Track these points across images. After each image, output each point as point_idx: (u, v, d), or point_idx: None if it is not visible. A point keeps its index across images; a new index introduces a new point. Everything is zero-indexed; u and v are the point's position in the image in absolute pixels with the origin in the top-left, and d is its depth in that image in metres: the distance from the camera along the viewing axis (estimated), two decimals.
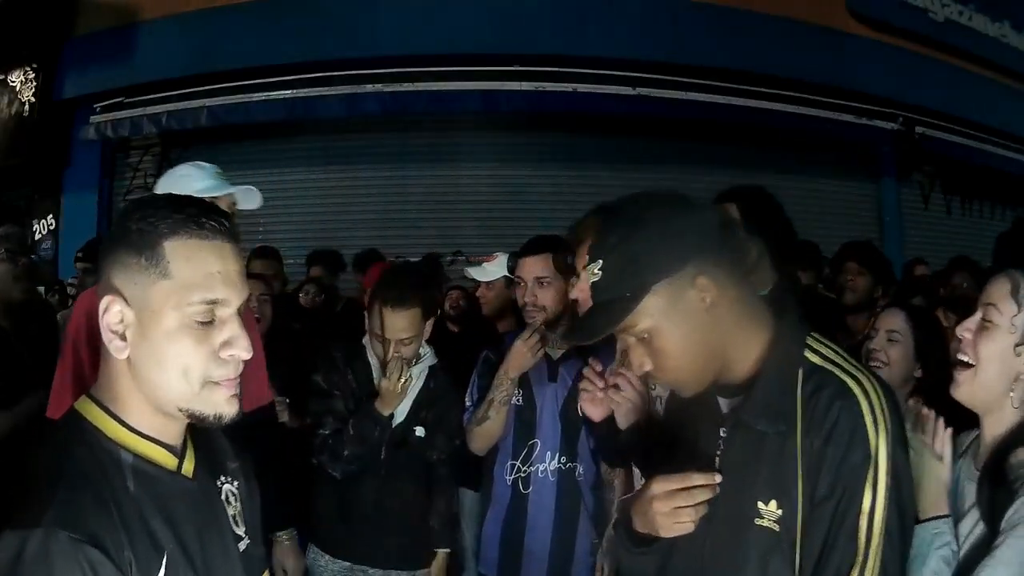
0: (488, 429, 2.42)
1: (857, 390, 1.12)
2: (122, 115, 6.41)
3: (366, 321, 2.50)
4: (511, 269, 2.94)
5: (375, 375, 2.49)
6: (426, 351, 2.57)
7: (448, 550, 2.63)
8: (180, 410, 0.98)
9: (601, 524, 2.34)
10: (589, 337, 1.19)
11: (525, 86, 6.01)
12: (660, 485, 1.18)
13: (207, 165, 2.19)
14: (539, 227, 2.92)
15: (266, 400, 2.36)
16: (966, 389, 1.37)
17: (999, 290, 1.34)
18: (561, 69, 6.08)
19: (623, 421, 1.67)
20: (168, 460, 1.01)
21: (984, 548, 1.26)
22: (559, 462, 2.38)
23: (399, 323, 2.37)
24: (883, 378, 1.23)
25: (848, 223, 6.72)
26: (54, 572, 0.85)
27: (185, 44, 6.31)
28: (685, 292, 1.13)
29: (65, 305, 4.80)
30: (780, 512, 1.12)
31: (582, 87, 6.05)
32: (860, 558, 1.08)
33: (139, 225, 0.96)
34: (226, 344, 0.98)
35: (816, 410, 1.12)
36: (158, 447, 1.00)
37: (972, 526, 1.34)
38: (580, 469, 2.39)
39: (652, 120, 6.32)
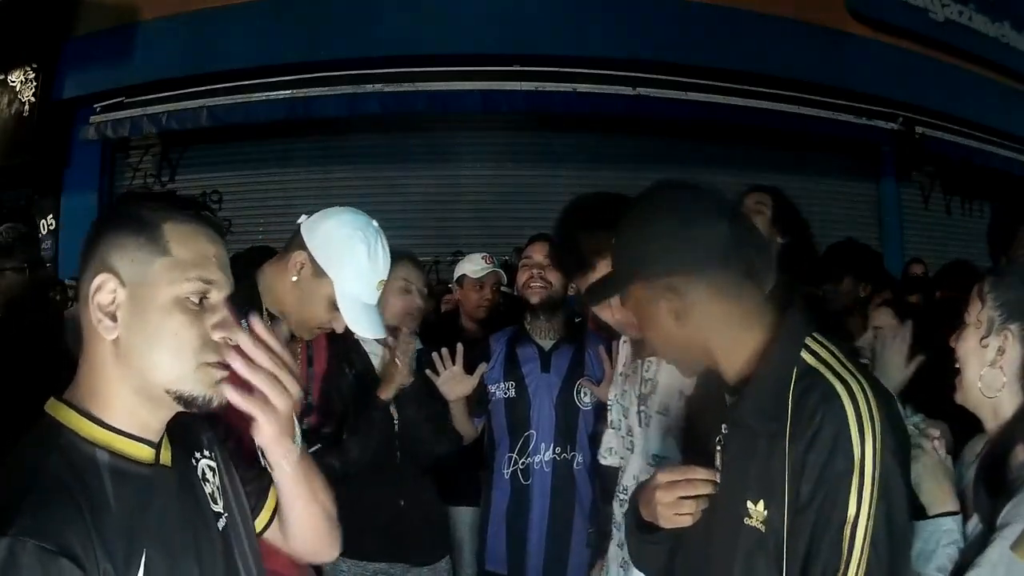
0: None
1: (844, 394, 1.09)
2: (122, 115, 6.41)
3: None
4: (519, 251, 2.99)
5: (375, 364, 2.49)
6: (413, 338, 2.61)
7: None
8: (168, 392, 0.97)
9: (596, 514, 2.38)
10: (593, 298, 1.42)
11: (525, 86, 6.01)
12: (664, 475, 1.22)
13: (381, 262, 1.79)
14: (539, 227, 2.92)
15: None
16: (960, 393, 1.40)
17: (973, 292, 1.40)
18: (561, 69, 6.09)
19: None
20: (146, 454, 1.00)
21: (979, 547, 1.27)
22: (554, 453, 2.42)
23: (413, 272, 2.46)
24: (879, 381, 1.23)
25: (848, 223, 6.72)
26: None
27: (185, 44, 6.32)
28: (656, 299, 1.19)
29: (65, 305, 4.80)
30: (766, 513, 1.12)
31: (582, 87, 6.06)
32: (843, 567, 1.05)
33: (138, 211, 0.99)
34: (219, 326, 0.99)
35: (802, 413, 1.10)
36: (134, 442, 0.99)
37: (975, 525, 1.36)
38: (579, 458, 2.42)
39: (652, 120, 6.32)
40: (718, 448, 1.22)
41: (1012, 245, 2.75)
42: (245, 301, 1.66)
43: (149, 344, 0.97)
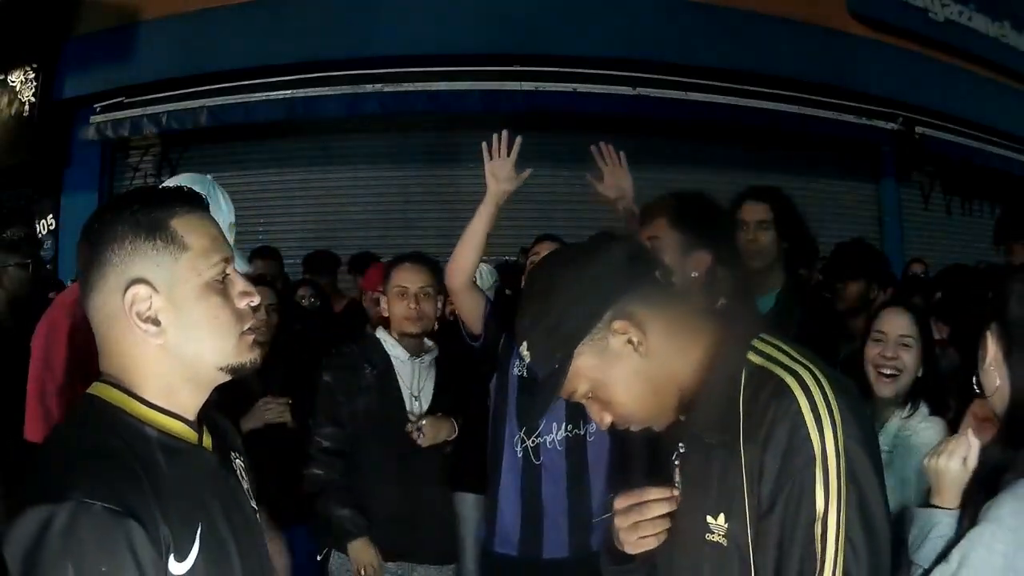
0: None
1: (795, 386, 1.03)
2: (122, 115, 6.41)
3: (381, 307, 2.67)
4: (524, 252, 3.02)
5: (395, 364, 2.61)
6: (429, 344, 2.71)
7: None
8: (220, 369, 1.03)
9: (615, 478, 2.38)
10: (536, 418, 1.20)
11: (525, 86, 6.01)
12: (620, 501, 1.17)
13: (225, 206, 1.95)
14: (539, 227, 2.93)
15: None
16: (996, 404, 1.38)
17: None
18: (561, 69, 6.09)
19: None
20: (190, 435, 1.03)
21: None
22: (566, 431, 2.41)
23: (417, 276, 2.58)
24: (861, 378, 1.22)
25: (848, 223, 6.72)
26: (86, 546, 0.83)
27: (185, 44, 6.31)
28: (608, 342, 1.10)
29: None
30: (726, 525, 1.07)
31: (582, 87, 6.06)
32: (818, 567, 0.99)
33: (137, 216, 1.00)
34: (243, 294, 1.05)
35: (753, 414, 1.05)
36: (179, 422, 1.02)
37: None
38: (590, 429, 2.43)
39: (652, 120, 6.32)
40: (676, 465, 1.18)
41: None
42: None
43: (196, 334, 1.01)
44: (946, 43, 7.29)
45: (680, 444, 1.17)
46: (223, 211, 1.89)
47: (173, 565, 0.91)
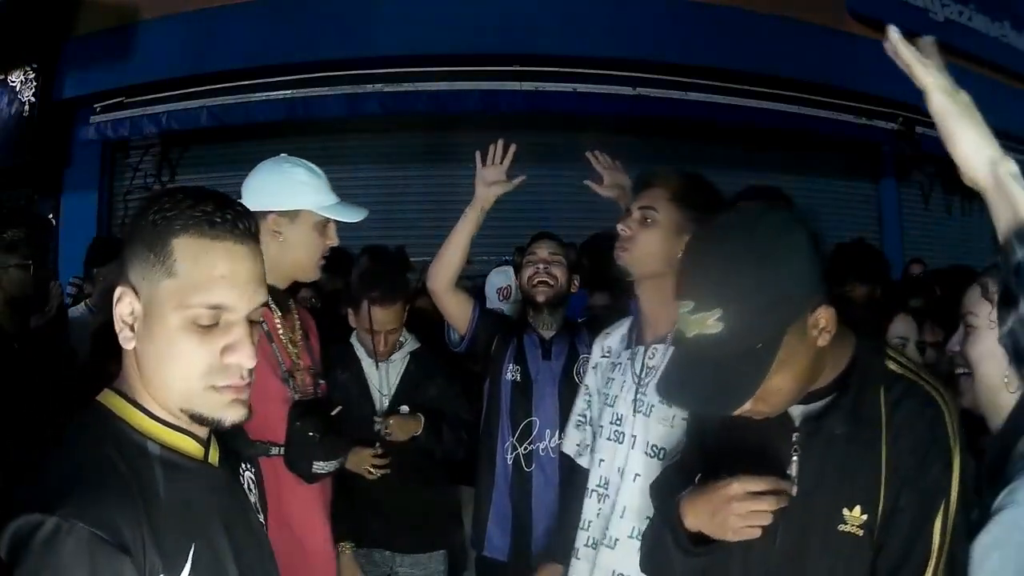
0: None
1: (940, 401, 1.14)
2: (122, 115, 6.40)
3: (350, 317, 2.66)
4: (521, 251, 3.03)
5: (365, 369, 2.64)
6: (407, 337, 2.74)
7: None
8: (181, 410, 0.96)
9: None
10: (728, 409, 1.07)
11: (525, 86, 6.01)
12: (742, 486, 1.15)
13: (319, 171, 1.96)
14: (539, 227, 2.94)
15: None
16: (970, 395, 1.43)
17: (971, 297, 1.42)
18: (561, 69, 6.08)
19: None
20: (196, 450, 1.00)
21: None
22: (560, 438, 2.41)
23: (388, 317, 2.56)
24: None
25: (848, 223, 6.72)
26: (62, 562, 0.82)
27: (185, 44, 6.31)
28: (808, 329, 1.07)
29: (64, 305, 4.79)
30: (864, 518, 1.13)
31: (582, 87, 6.05)
32: (934, 558, 1.09)
33: (154, 218, 0.95)
34: (227, 349, 0.95)
35: (903, 418, 1.13)
36: (186, 437, 0.98)
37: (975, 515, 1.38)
38: None
39: (652, 120, 6.32)
40: (794, 458, 1.18)
41: None
42: None
43: (159, 361, 0.95)
44: (946, 43, 7.24)
45: (795, 435, 1.19)
46: (316, 171, 1.93)
47: None
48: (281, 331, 1.91)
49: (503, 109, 6.08)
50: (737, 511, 1.14)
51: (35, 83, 6.83)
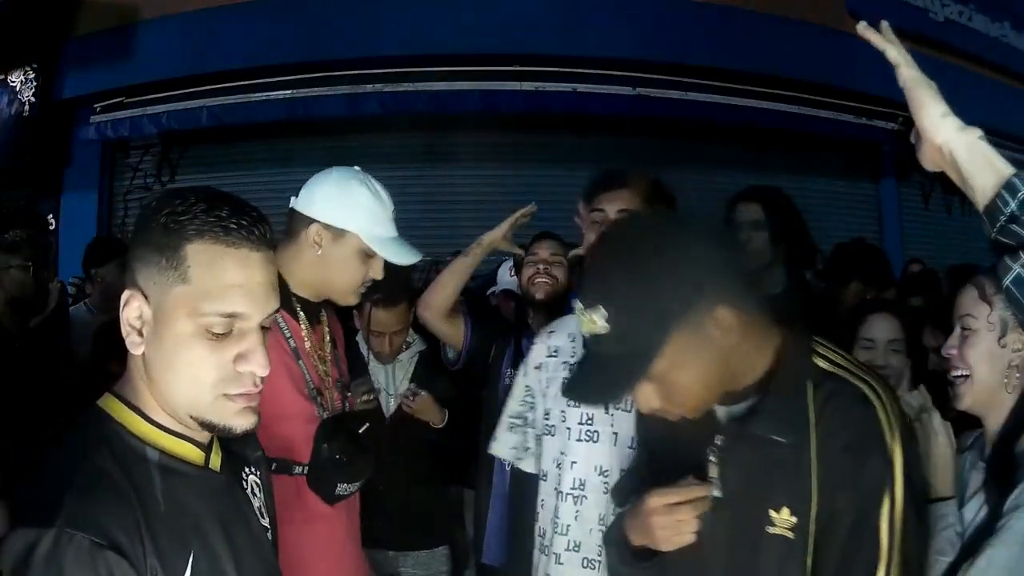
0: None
1: (873, 397, 1.10)
2: (122, 115, 6.40)
3: (355, 318, 2.65)
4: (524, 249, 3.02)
5: (371, 370, 2.63)
6: (414, 338, 2.74)
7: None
8: (191, 416, 0.95)
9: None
10: (603, 401, 1.12)
11: (525, 86, 6.00)
12: (658, 499, 1.15)
13: (386, 200, 1.86)
14: (539, 227, 2.93)
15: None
16: (968, 398, 1.42)
17: (969, 299, 1.42)
18: (561, 69, 6.08)
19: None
20: (195, 456, 0.98)
21: (987, 531, 1.31)
22: None
23: (391, 319, 2.55)
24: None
25: (848, 223, 6.72)
26: (66, 574, 0.81)
27: (185, 44, 6.31)
28: (703, 327, 1.05)
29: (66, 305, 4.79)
30: (794, 520, 1.10)
31: (582, 87, 6.05)
32: (884, 560, 1.06)
33: (166, 221, 0.92)
34: (240, 358, 0.93)
35: (832, 417, 1.10)
36: (185, 442, 0.97)
37: (977, 510, 1.39)
38: None
39: (652, 120, 6.32)
40: (712, 460, 1.16)
41: None
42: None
43: (168, 368, 0.93)
44: (946, 43, 7.28)
45: (718, 438, 1.16)
46: (383, 200, 1.81)
47: None
48: (309, 346, 1.78)
49: (503, 109, 6.08)
50: (660, 524, 1.14)
51: (35, 83, 6.83)
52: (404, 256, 1.79)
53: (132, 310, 0.94)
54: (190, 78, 6.25)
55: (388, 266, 1.83)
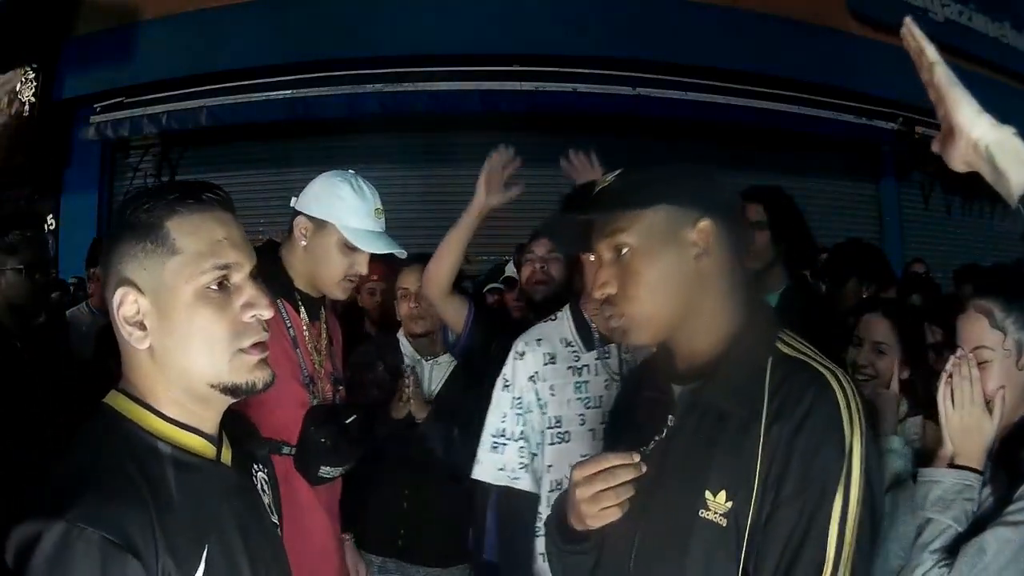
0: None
1: (833, 381, 1.03)
2: (122, 115, 6.41)
3: (397, 311, 2.67)
4: (521, 249, 3.01)
5: (406, 370, 2.58)
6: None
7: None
8: (212, 386, 0.96)
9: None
10: (578, 211, 1.17)
11: (525, 86, 6.01)
12: (579, 471, 1.08)
13: (370, 197, 1.93)
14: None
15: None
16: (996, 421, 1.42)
17: (979, 329, 1.41)
18: (561, 69, 6.08)
19: None
20: (207, 449, 0.99)
21: (992, 517, 1.33)
22: None
23: (419, 277, 2.53)
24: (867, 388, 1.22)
25: (848, 223, 6.72)
26: (72, 568, 0.81)
27: (185, 44, 6.31)
28: (682, 228, 1.10)
29: (65, 305, 4.80)
30: (729, 505, 1.02)
31: (582, 87, 6.05)
32: (830, 564, 0.97)
33: (137, 215, 0.96)
34: (246, 306, 0.97)
35: (787, 397, 1.02)
36: (197, 436, 0.98)
37: (986, 496, 1.40)
38: None
39: (652, 120, 6.32)
40: (655, 438, 1.11)
41: None
42: (281, 290, 1.83)
43: (183, 345, 0.95)
44: (946, 43, 7.25)
45: (670, 417, 1.12)
46: (366, 195, 1.89)
47: None
48: (307, 337, 1.90)
49: (503, 109, 6.08)
50: (581, 496, 1.07)
51: (35, 83, 6.84)
52: (379, 246, 1.86)
53: (128, 306, 0.95)
54: (190, 78, 6.25)
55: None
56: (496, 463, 2.06)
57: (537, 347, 2.05)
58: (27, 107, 6.88)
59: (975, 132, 1.07)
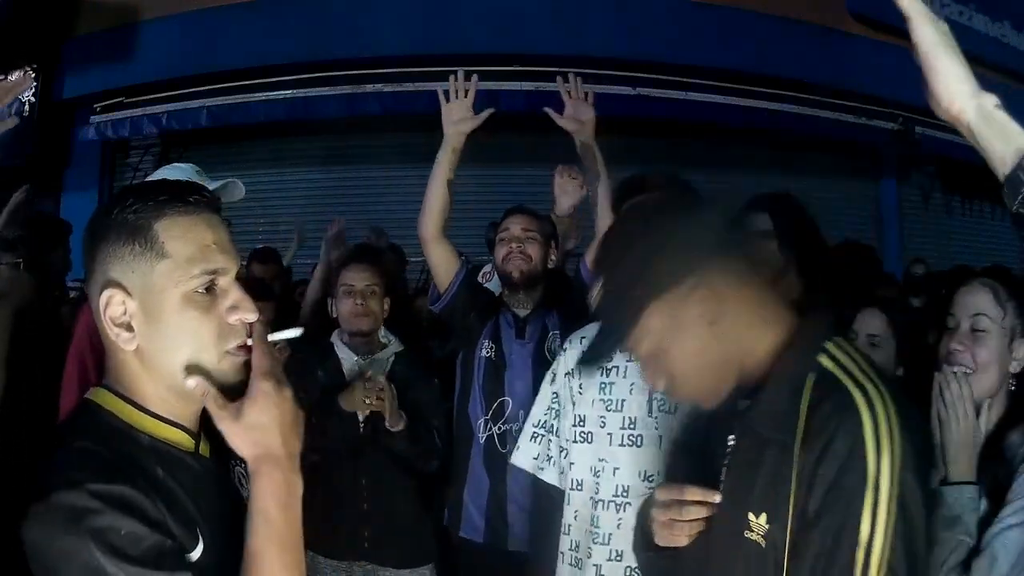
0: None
1: (862, 404, 1.00)
2: (122, 115, 6.42)
3: (329, 306, 2.63)
4: (495, 226, 2.90)
5: (346, 369, 2.55)
6: (391, 339, 2.65)
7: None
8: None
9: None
10: (597, 362, 1.16)
11: (525, 86, 6.00)
12: (662, 493, 1.15)
13: (184, 165, 2.11)
14: None
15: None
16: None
17: (983, 299, 1.45)
18: (561, 69, 6.07)
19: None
20: (186, 442, 1.01)
21: (987, 521, 1.34)
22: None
23: (363, 275, 2.54)
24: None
25: (848, 223, 6.72)
26: (101, 514, 0.84)
27: (185, 44, 6.31)
28: (684, 308, 1.06)
29: (65, 304, 4.79)
30: (767, 526, 1.03)
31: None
32: None
33: (124, 215, 0.96)
34: (232, 309, 0.98)
35: (815, 422, 1.02)
36: (176, 429, 1.00)
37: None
38: None
39: (652, 120, 6.32)
40: (724, 462, 1.13)
41: None
42: None
43: (170, 347, 0.96)
44: None
45: (731, 436, 1.13)
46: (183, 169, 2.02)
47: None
48: None
49: (503, 109, 6.08)
50: (656, 518, 1.14)
51: (35, 83, 6.84)
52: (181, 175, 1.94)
53: (116, 307, 0.96)
54: (190, 78, 6.25)
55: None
56: (532, 452, 2.11)
57: (579, 344, 2.04)
58: (27, 107, 6.88)
59: (954, 108, 1.04)
